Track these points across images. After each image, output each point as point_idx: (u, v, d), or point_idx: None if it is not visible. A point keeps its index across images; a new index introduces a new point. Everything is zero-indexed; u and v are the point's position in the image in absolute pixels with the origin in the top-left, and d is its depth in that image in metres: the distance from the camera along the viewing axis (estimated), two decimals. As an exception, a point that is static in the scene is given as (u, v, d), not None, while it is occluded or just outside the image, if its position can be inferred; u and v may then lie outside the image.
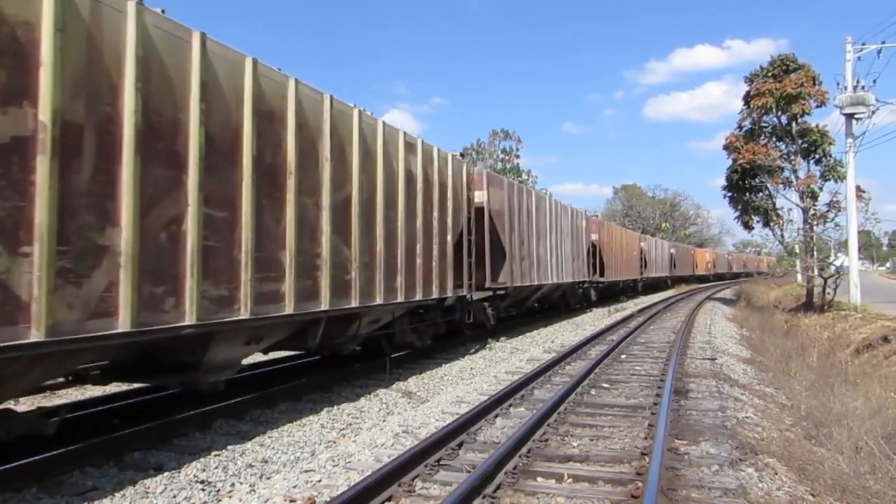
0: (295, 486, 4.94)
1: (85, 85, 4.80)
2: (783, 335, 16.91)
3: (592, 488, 4.89)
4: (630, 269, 33.26)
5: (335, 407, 7.97)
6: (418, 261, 10.23)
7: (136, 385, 8.79)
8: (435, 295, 10.90)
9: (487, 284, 13.71)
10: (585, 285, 24.88)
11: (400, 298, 9.62)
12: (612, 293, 31.77)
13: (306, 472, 5.32)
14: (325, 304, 7.74)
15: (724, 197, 28.36)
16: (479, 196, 13.78)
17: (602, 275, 26.65)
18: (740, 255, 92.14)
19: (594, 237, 25.70)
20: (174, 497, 4.94)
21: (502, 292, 14.82)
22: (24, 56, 4.40)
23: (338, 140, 8.06)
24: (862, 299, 21.14)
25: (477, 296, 13.42)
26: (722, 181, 28.42)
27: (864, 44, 21.32)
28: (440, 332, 12.53)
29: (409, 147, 10.16)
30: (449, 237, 11.46)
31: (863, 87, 21.11)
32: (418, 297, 10.27)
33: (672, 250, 48.96)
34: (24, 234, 4.37)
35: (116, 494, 4.95)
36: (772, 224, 26.59)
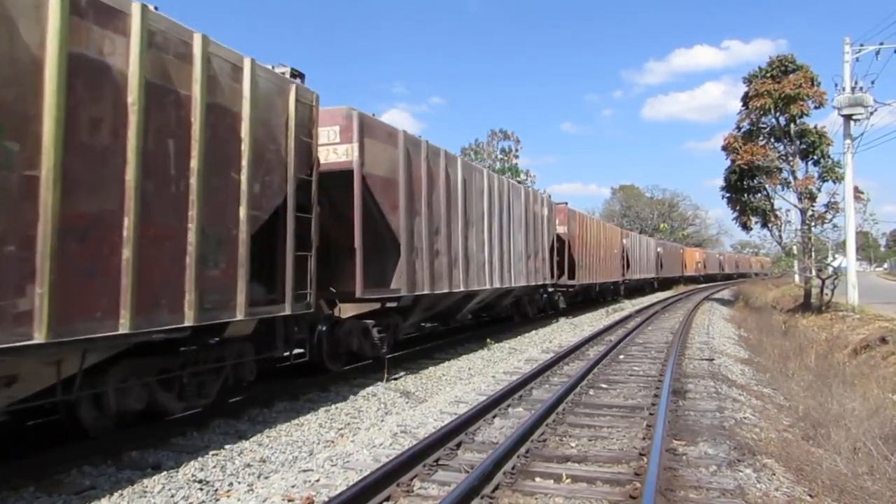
0: (293, 486, 4.94)
1: None
2: (781, 336, 16.92)
3: (591, 489, 4.89)
4: (609, 269, 28.12)
5: (333, 406, 7.97)
6: (125, 254, 5.16)
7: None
8: (188, 321, 5.85)
9: (360, 294, 8.97)
10: (550, 290, 20.59)
11: (37, 336, 4.47)
12: (586, 298, 26.94)
13: (304, 471, 5.31)
14: None
15: (723, 198, 28.40)
16: (343, 152, 9.04)
17: (572, 277, 21.82)
18: (732, 256, 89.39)
19: (561, 230, 21.13)
20: (172, 496, 4.93)
21: (394, 304, 10.22)
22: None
23: None
24: (860, 300, 21.15)
25: (350, 312, 9.66)
26: (720, 182, 28.47)
27: (862, 45, 21.36)
28: (246, 378, 7.56)
29: (97, 12, 5.00)
30: (242, 212, 6.53)
31: (861, 88, 21.12)
32: (124, 326, 5.15)
33: (659, 249, 44.23)
34: None
35: (114, 493, 4.95)
36: (770, 225, 26.63)
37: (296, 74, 7.89)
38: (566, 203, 22.60)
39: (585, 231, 23.74)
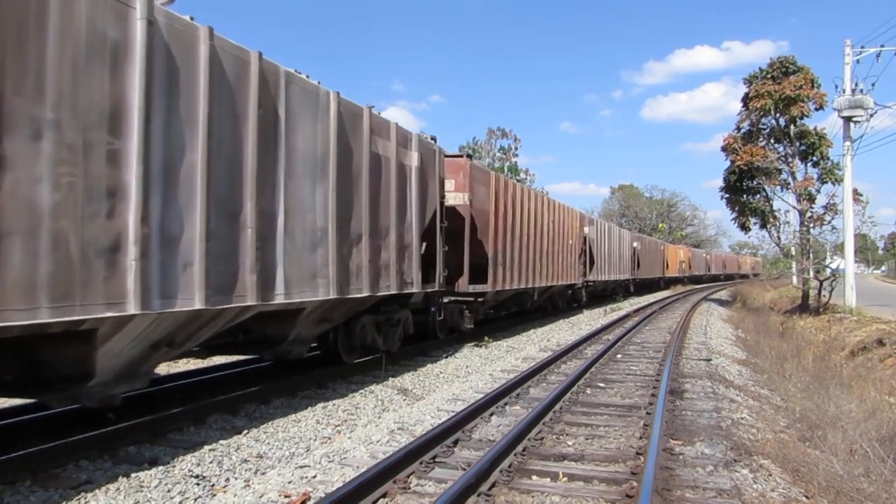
0: (290, 482, 4.93)
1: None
2: (778, 337, 16.95)
3: (587, 487, 4.89)
4: (561, 268, 19.99)
5: (330, 403, 7.96)
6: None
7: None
8: None
9: None
10: (442, 301, 12.33)
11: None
12: (520, 310, 18.65)
13: (301, 467, 5.31)
14: None
15: (722, 198, 28.48)
16: None
17: (482, 279, 13.52)
18: (720, 256, 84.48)
19: (457, 199, 12.79)
20: (168, 491, 4.92)
21: None
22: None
23: None
24: (857, 302, 21.20)
25: None
26: (719, 183, 28.54)
27: (863, 47, 21.41)
28: None
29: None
30: None
31: (861, 90, 21.16)
32: None
33: (636, 244, 36.28)
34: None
35: (111, 488, 4.94)
36: (768, 226, 26.68)
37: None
38: (467, 156, 13.34)
39: (509, 205, 14.93)
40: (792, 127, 24.70)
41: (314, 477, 5.06)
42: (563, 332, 17.16)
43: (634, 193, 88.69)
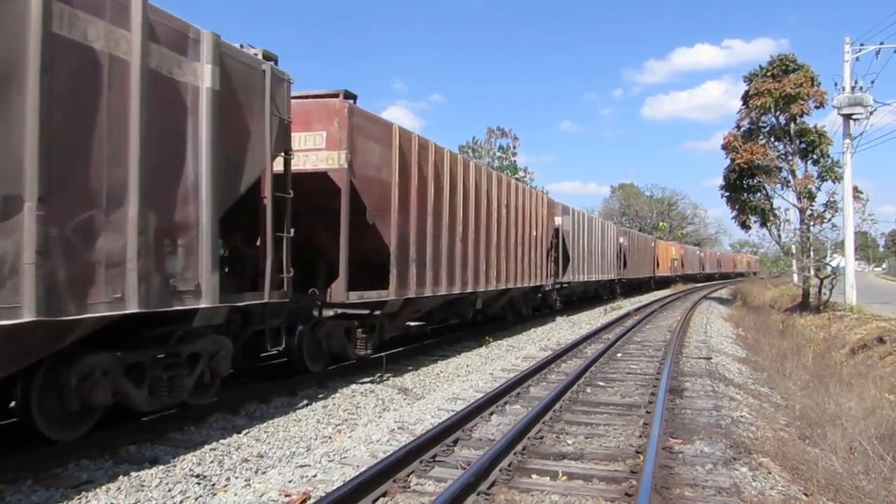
0: (290, 481, 4.95)
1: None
2: (778, 335, 16.95)
3: (587, 486, 4.91)
4: (521, 265, 16.05)
5: (331, 402, 7.97)
6: None
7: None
8: None
9: None
10: (318, 316, 8.95)
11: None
12: (461, 322, 14.68)
13: (301, 466, 5.33)
14: None
15: (722, 197, 28.42)
16: None
17: (382, 283, 9.50)
18: (714, 253, 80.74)
19: (331, 161, 8.52)
20: (169, 490, 4.94)
21: None
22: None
23: None
24: (857, 300, 21.18)
25: None
26: (719, 181, 28.48)
27: (862, 45, 21.36)
28: None
29: None
30: None
31: (861, 88, 21.13)
32: None
33: (622, 240, 31.92)
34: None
35: (111, 487, 4.95)
36: (769, 224, 26.66)
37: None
38: (345, 96, 8.67)
39: (430, 176, 10.76)
40: (792, 125, 24.67)
41: (314, 476, 5.08)
42: (563, 331, 17.18)
43: (635, 192, 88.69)
